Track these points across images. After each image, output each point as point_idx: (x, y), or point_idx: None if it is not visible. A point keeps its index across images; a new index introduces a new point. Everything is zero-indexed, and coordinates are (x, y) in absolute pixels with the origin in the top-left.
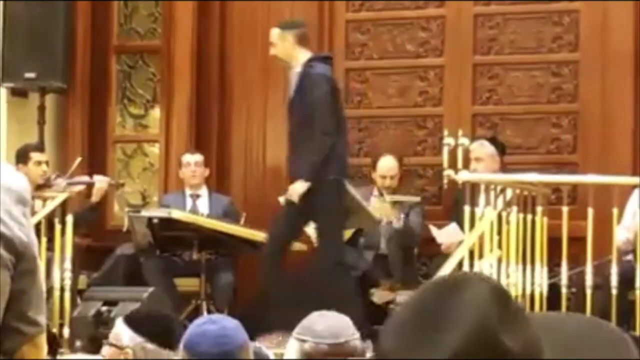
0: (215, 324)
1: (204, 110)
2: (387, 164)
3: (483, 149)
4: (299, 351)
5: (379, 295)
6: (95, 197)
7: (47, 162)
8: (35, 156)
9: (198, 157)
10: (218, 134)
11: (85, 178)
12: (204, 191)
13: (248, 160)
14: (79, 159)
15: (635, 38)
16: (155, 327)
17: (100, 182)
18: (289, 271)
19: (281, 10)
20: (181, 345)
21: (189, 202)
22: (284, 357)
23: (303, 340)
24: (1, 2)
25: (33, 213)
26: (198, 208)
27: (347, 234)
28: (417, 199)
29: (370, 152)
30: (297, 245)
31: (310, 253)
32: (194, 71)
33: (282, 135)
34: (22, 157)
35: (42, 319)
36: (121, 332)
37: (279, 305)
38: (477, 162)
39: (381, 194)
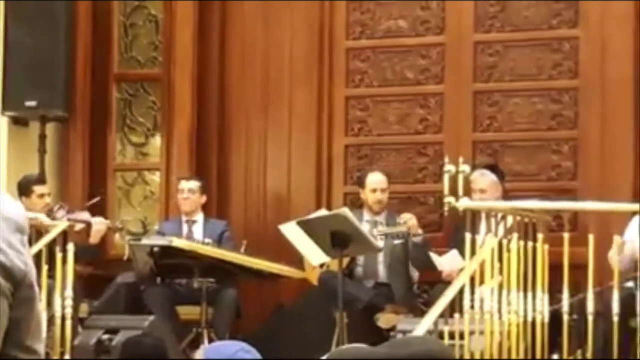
0: (250, 354)
1: (205, 138)
2: (376, 178)
3: (485, 179)
4: None
5: (384, 320)
6: (93, 240)
7: (49, 195)
8: (38, 189)
9: (192, 185)
10: (218, 161)
11: (86, 215)
12: (199, 217)
13: (248, 187)
14: (97, 199)
15: (634, 65)
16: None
17: (99, 224)
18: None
19: (282, 38)
20: None
21: (185, 228)
22: None
23: None
24: (2, 30)
25: (37, 239)
26: (194, 234)
27: (339, 265)
28: (403, 229)
29: None
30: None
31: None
32: (195, 99)
33: (283, 162)
34: (25, 190)
35: (41, 348)
36: None
37: None
38: (482, 193)
39: (375, 223)
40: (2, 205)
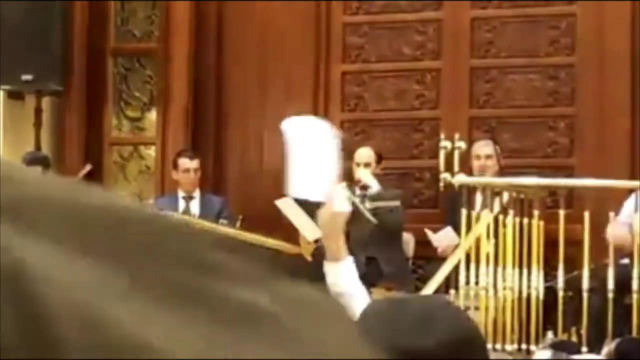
0: None
1: (201, 112)
2: (360, 152)
3: (490, 147)
4: None
5: (376, 294)
6: None
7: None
8: None
9: (196, 164)
10: (214, 136)
11: None
12: (196, 193)
13: (245, 162)
14: (88, 167)
15: (631, 42)
16: None
17: None
18: None
19: (279, 13)
20: None
21: (181, 203)
22: None
23: None
24: None
25: None
26: (190, 210)
27: None
28: (397, 203)
29: None
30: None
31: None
32: (191, 73)
33: (279, 138)
34: None
35: None
36: None
37: None
38: (488, 159)
39: (363, 197)
40: None
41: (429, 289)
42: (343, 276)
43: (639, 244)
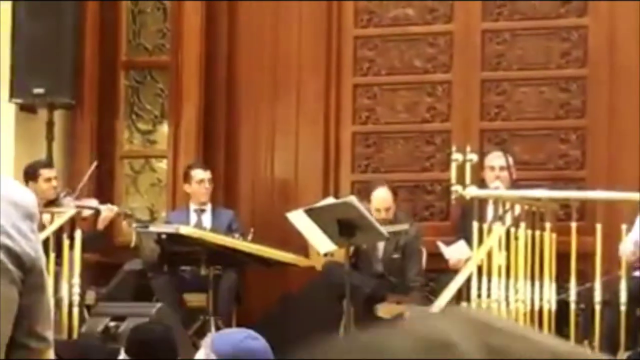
0: (257, 340)
1: (212, 125)
2: (381, 196)
3: (503, 159)
4: None
5: (384, 310)
6: (101, 225)
7: (56, 178)
8: (44, 173)
9: (209, 174)
10: (225, 149)
11: (94, 202)
12: (208, 206)
13: (256, 175)
14: (94, 164)
15: None
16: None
17: (107, 210)
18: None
19: (290, 25)
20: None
21: (193, 217)
22: None
23: None
24: (10, 18)
25: (42, 228)
26: (202, 223)
27: (346, 252)
28: (406, 226)
29: (378, 168)
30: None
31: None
32: (202, 87)
33: (290, 150)
34: (31, 174)
35: (50, 335)
36: None
37: None
38: (501, 170)
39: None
40: (13, 192)
41: (440, 302)
42: None
43: None
